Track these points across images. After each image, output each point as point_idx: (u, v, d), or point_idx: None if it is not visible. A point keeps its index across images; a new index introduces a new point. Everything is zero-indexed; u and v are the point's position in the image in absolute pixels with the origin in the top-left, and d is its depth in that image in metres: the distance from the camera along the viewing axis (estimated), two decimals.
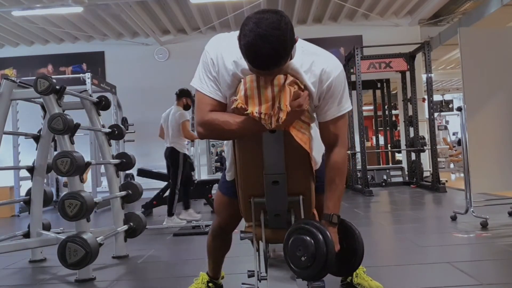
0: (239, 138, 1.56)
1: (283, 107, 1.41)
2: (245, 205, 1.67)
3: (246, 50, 1.33)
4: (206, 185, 5.86)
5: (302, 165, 1.59)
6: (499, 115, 4.00)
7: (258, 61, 1.33)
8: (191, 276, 2.26)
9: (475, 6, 7.95)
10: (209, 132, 1.56)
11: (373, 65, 7.36)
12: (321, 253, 1.43)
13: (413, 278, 2.47)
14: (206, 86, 1.53)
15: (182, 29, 9.12)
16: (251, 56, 1.33)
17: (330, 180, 1.59)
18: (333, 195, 1.59)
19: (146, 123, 8.81)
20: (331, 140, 1.60)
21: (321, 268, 1.43)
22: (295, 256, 1.46)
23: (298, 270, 1.48)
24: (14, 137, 6.34)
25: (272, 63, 1.33)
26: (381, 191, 7.32)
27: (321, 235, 1.44)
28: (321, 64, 1.50)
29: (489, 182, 4.02)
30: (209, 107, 1.52)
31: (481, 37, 4.16)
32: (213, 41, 1.56)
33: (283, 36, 1.30)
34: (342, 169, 1.60)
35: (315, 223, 1.49)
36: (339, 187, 1.60)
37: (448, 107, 15.89)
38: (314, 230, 1.45)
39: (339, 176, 1.59)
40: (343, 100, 1.56)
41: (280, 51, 1.31)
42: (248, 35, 1.30)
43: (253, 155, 1.55)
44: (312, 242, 1.43)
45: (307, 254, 1.44)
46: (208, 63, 1.53)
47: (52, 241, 2.94)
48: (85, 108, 3.30)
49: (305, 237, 1.45)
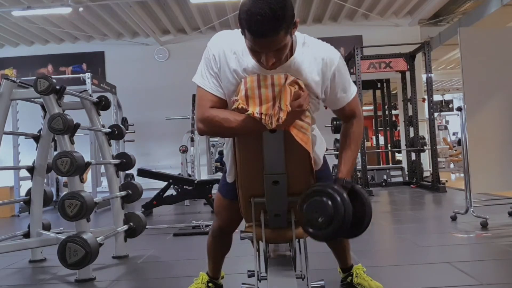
0: (239, 136, 1.56)
1: (283, 107, 1.41)
2: (245, 205, 1.67)
3: (244, 16, 1.31)
4: (206, 185, 5.85)
5: (302, 165, 1.59)
6: (499, 115, 4.00)
7: (256, 25, 1.30)
8: (191, 276, 2.26)
9: (475, 6, 7.95)
10: (209, 129, 1.55)
11: (373, 65, 7.36)
12: (340, 214, 1.46)
13: (413, 278, 2.47)
14: (208, 82, 1.52)
15: (182, 29, 9.12)
16: (248, 20, 1.30)
17: (346, 146, 1.65)
18: (348, 160, 1.64)
19: (146, 123, 8.83)
20: (348, 116, 1.67)
21: (338, 228, 1.47)
22: (312, 217, 1.49)
23: (313, 231, 1.50)
24: (14, 137, 6.33)
25: (270, 25, 1.29)
26: (381, 191, 7.32)
27: (339, 197, 1.47)
28: (323, 52, 1.52)
29: (489, 182, 4.02)
30: (210, 103, 1.52)
31: (481, 37, 4.16)
32: (215, 38, 1.56)
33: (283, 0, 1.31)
34: (358, 137, 1.67)
35: (333, 185, 1.53)
36: (354, 153, 1.66)
37: (448, 107, 15.89)
38: (332, 192, 1.48)
39: (355, 143, 1.66)
40: (349, 84, 1.61)
41: (278, 11, 1.29)
42: (248, 2, 1.31)
43: (253, 155, 1.55)
44: (330, 204, 1.46)
45: (324, 216, 1.46)
46: (210, 59, 1.52)
47: (52, 241, 2.93)
48: (85, 108, 3.30)
49: (323, 198, 1.48)
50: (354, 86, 1.64)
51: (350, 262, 2.17)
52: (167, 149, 8.90)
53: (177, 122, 8.31)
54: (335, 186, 1.52)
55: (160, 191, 5.81)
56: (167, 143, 8.86)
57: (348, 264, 2.16)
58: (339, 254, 2.13)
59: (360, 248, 3.09)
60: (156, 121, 8.92)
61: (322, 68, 1.50)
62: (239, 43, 1.45)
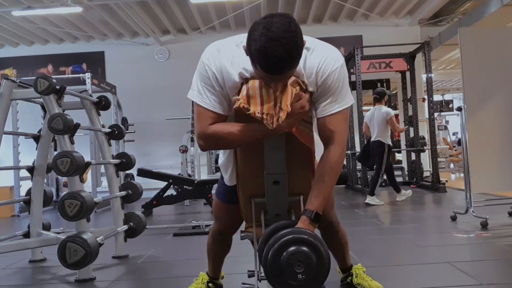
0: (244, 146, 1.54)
1: (283, 107, 1.41)
2: (245, 206, 1.67)
3: (258, 55, 1.29)
4: (206, 185, 5.85)
5: (302, 165, 1.59)
6: (499, 115, 4.00)
7: (271, 66, 1.30)
8: (191, 276, 2.25)
9: (475, 6, 7.95)
10: (212, 145, 1.57)
11: (373, 65, 7.36)
12: (325, 273, 1.37)
13: (413, 278, 2.47)
14: (207, 99, 1.50)
15: (182, 29, 9.12)
16: (263, 61, 1.29)
17: (319, 176, 1.52)
18: (319, 192, 1.50)
19: (146, 123, 8.83)
20: (327, 137, 1.52)
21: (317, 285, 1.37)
22: (291, 270, 1.34)
23: (292, 283, 1.35)
24: (14, 137, 6.33)
25: (286, 66, 1.31)
26: (381, 191, 7.31)
27: (323, 251, 1.37)
28: (317, 57, 1.48)
29: (489, 182, 4.02)
30: (210, 121, 1.50)
31: (481, 37, 4.16)
32: (210, 54, 1.50)
33: (295, 37, 1.29)
34: (333, 168, 1.52)
35: (314, 234, 1.41)
36: (327, 186, 1.51)
37: (448, 107, 15.87)
38: (321, 249, 1.37)
39: (329, 175, 1.51)
40: (341, 96, 1.51)
41: (293, 53, 1.29)
42: (259, 39, 1.28)
43: (254, 155, 1.55)
44: (315, 260, 1.36)
45: (307, 275, 1.34)
46: (209, 77, 1.48)
47: (52, 241, 2.93)
48: (85, 108, 3.30)
49: (311, 256, 1.35)
50: (348, 100, 1.53)
51: (350, 262, 2.16)
52: (167, 149, 8.90)
53: (177, 122, 8.31)
54: (316, 236, 1.40)
55: (160, 191, 5.81)
56: (167, 143, 8.86)
57: (348, 264, 2.16)
58: (338, 255, 2.12)
59: (360, 248, 3.10)
60: (156, 121, 8.92)
61: (313, 75, 1.48)
62: (236, 55, 1.46)
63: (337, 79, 1.49)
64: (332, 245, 2.08)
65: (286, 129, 1.46)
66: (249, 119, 1.46)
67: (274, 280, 1.38)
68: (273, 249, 1.37)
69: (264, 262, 1.39)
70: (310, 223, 1.47)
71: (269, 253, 1.37)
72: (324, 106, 1.51)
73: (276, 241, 1.38)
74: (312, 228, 1.47)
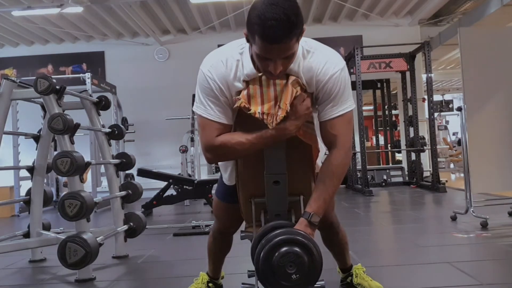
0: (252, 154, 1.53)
1: (282, 106, 1.41)
2: (245, 206, 1.67)
3: (257, 21, 1.29)
4: (206, 185, 5.85)
5: (303, 165, 1.59)
6: (499, 115, 4.00)
7: (270, 31, 1.28)
8: (191, 276, 2.26)
9: (475, 6, 7.94)
10: (220, 156, 1.56)
11: (373, 65, 7.35)
12: (317, 273, 1.36)
13: (413, 278, 2.47)
14: (212, 111, 1.49)
15: (182, 29, 9.11)
16: (262, 26, 1.28)
17: (320, 179, 1.52)
18: (320, 195, 1.49)
19: (146, 123, 8.83)
20: (330, 141, 1.52)
21: (310, 285, 1.38)
22: (283, 271, 1.35)
23: (284, 284, 1.36)
24: (14, 137, 6.33)
25: (285, 31, 1.29)
26: (381, 191, 7.32)
27: (315, 251, 1.37)
28: (317, 61, 1.48)
29: (489, 182, 4.02)
30: (217, 132, 1.49)
31: (481, 37, 4.16)
32: (211, 65, 1.49)
33: (294, 6, 1.31)
34: (335, 171, 1.50)
35: (306, 235, 1.41)
36: (328, 189, 1.50)
37: (448, 107, 15.88)
38: (313, 249, 1.37)
39: (330, 178, 1.50)
40: (342, 100, 1.50)
41: (292, 17, 1.28)
42: (260, 7, 1.30)
43: (254, 155, 1.55)
44: (307, 261, 1.35)
45: (300, 275, 1.34)
46: (212, 89, 1.48)
47: (52, 241, 2.93)
48: (85, 108, 3.29)
49: (303, 256, 1.35)
50: (350, 104, 1.53)
51: (350, 262, 2.16)
52: (167, 149, 8.90)
53: (177, 122, 8.31)
54: (308, 236, 1.40)
55: (160, 191, 5.81)
56: (167, 143, 8.85)
57: (348, 264, 2.16)
58: (338, 256, 2.12)
59: (360, 248, 3.10)
60: (156, 121, 8.92)
61: (313, 79, 1.48)
62: (234, 58, 1.47)
63: (338, 82, 1.48)
64: (333, 246, 2.08)
65: (295, 132, 1.45)
66: (249, 119, 1.46)
67: (266, 281, 1.38)
68: (264, 250, 1.38)
69: (256, 262, 1.40)
70: (308, 225, 1.47)
71: (261, 253, 1.38)
72: (326, 110, 1.51)
73: (268, 242, 1.39)
74: (309, 231, 1.46)
